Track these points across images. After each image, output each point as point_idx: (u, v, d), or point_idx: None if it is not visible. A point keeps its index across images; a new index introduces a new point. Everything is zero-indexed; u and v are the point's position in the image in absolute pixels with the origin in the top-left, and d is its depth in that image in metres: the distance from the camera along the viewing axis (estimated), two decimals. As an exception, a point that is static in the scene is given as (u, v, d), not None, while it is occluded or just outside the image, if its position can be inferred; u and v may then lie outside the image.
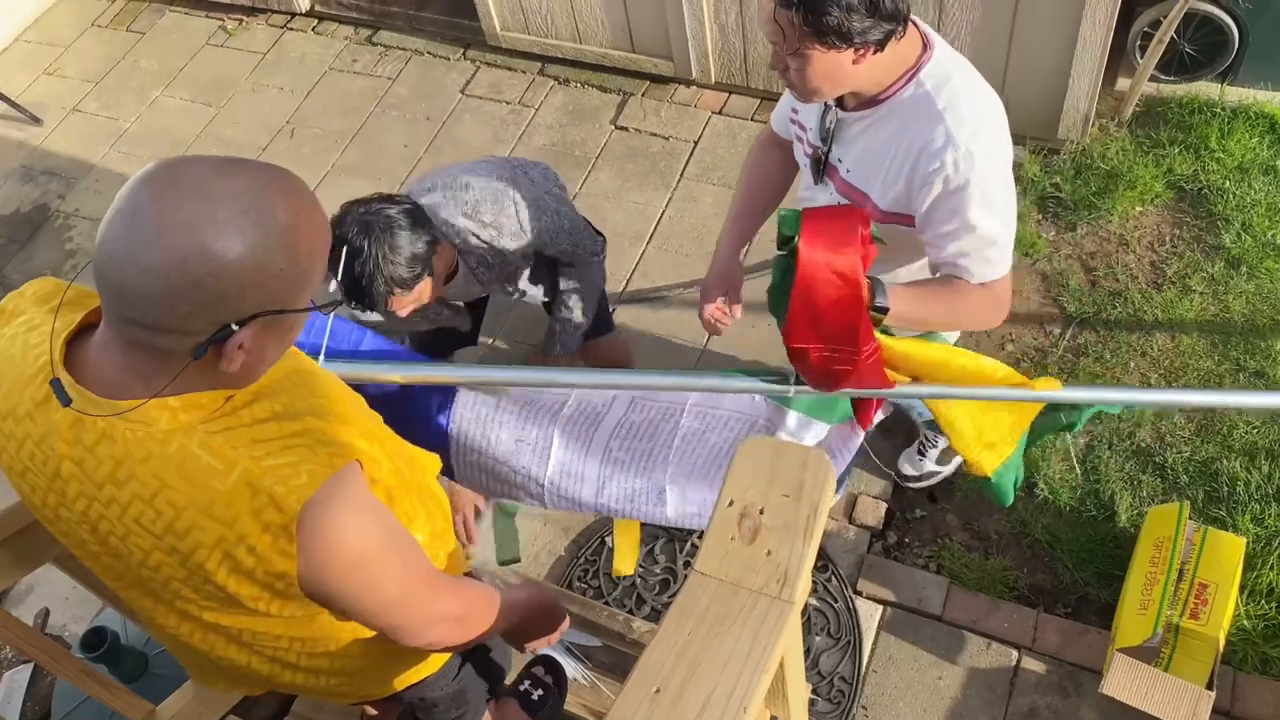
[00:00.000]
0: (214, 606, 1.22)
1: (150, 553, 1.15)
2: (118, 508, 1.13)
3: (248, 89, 4.43)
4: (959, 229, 1.64)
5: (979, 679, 2.47)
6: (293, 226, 1.04)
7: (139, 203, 1.00)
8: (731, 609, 1.18)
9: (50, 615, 2.87)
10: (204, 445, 1.10)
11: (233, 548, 1.11)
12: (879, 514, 2.78)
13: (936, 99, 1.62)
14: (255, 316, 1.04)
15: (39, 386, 1.13)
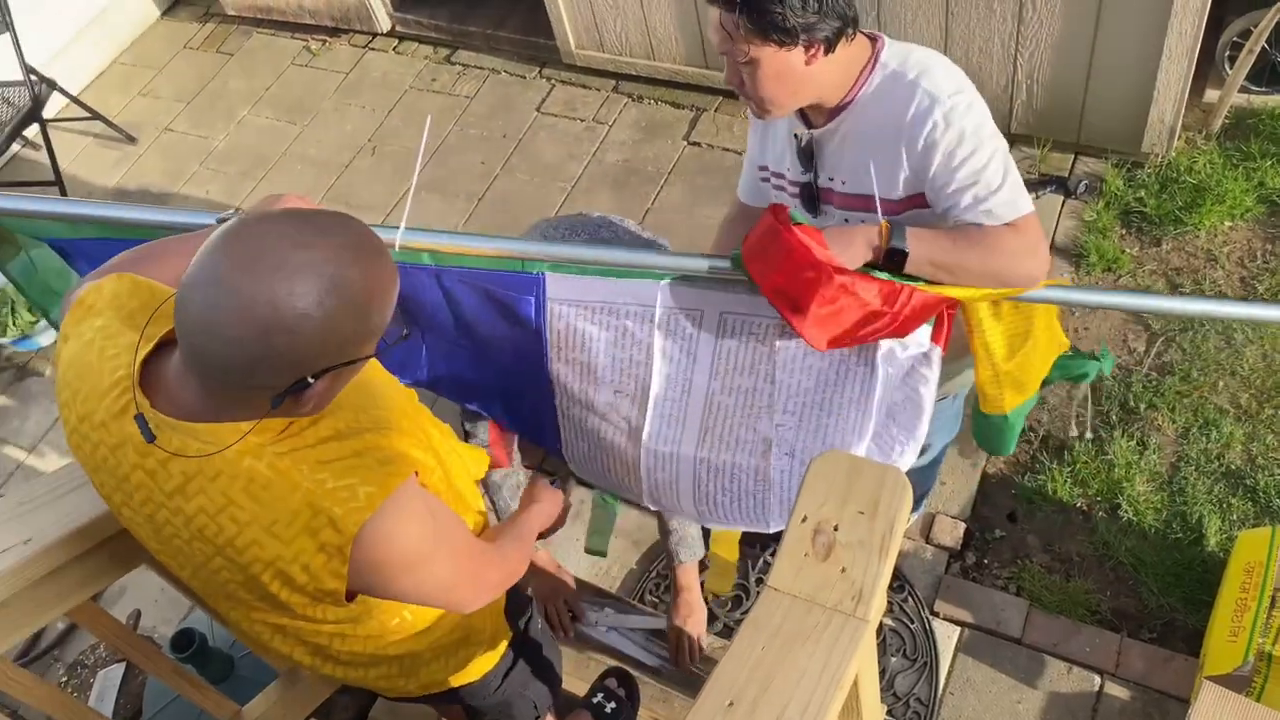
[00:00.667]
0: (263, 608, 1.30)
1: (211, 559, 1.23)
2: (183, 518, 1.20)
3: (330, 108, 4.56)
4: (970, 177, 1.59)
5: (1059, 704, 2.41)
6: (365, 289, 1.10)
7: (221, 274, 1.05)
8: (805, 626, 1.18)
9: (142, 616, 2.97)
10: (271, 466, 1.16)
11: (288, 565, 1.19)
12: (957, 534, 2.74)
13: (906, 72, 1.60)
14: (328, 369, 1.11)
15: (115, 399, 1.19)
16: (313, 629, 1.37)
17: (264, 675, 2.09)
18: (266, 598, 1.25)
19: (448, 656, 1.57)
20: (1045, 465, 2.82)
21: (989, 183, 1.59)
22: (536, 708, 1.81)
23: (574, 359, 1.84)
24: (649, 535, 2.87)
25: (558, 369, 1.87)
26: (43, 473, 3.47)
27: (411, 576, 1.26)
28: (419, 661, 1.54)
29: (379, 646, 1.46)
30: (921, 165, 1.62)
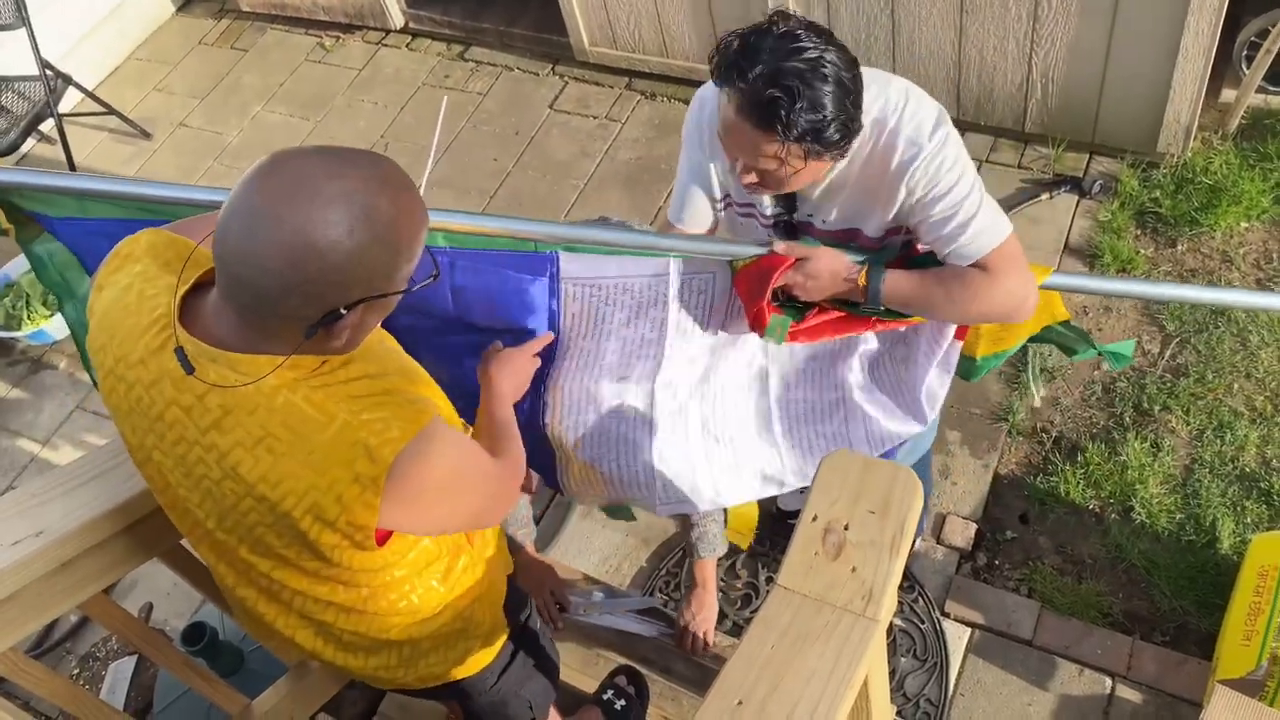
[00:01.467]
0: (289, 558, 1.30)
1: (241, 499, 1.23)
2: (217, 453, 1.22)
3: (344, 104, 4.57)
4: (947, 210, 1.62)
5: (1071, 706, 2.40)
6: (394, 221, 1.13)
7: (255, 203, 1.09)
8: (815, 625, 1.17)
9: (153, 609, 2.99)
10: (307, 399, 1.18)
11: (321, 496, 1.20)
12: (968, 535, 2.73)
13: (887, 119, 1.59)
14: (361, 301, 1.14)
15: (155, 335, 1.22)
16: (322, 604, 1.39)
17: (274, 669, 2.09)
18: (295, 539, 1.25)
19: (446, 648, 1.58)
20: (1058, 467, 2.80)
21: (965, 216, 1.62)
22: (533, 708, 1.79)
23: (583, 348, 1.83)
24: (659, 533, 2.87)
25: (563, 369, 1.85)
26: (56, 466, 3.48)
27: (444, 505, 1.31)
28: (418, 651, 1.54)
29: (382, 629, 1.47)
30: (904, 207, 1.65)
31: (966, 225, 1.62)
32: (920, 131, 1.59)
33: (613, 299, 1.78)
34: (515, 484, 1.51)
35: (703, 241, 1.79)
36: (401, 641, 1.51)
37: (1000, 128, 3.63)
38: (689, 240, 1.79)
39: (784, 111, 1.42)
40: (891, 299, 1.68)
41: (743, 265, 1.73)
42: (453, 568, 1.51)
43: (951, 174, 1.60)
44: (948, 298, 1.66)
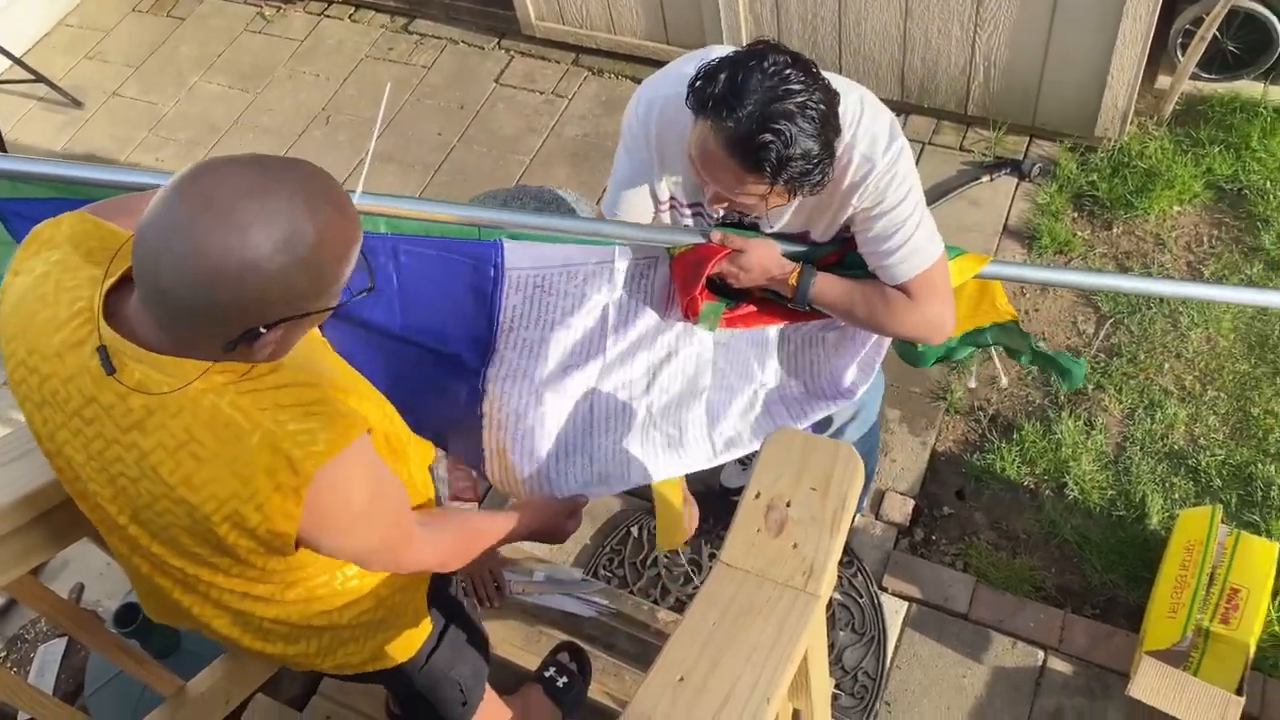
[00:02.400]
0: (202, 556, 1.27)
1: (159, 499, 1.20)
2: (138, 453, 1.18)
3: (284, 76, 4.47)
4: (887, 229, 1.65)
5: (1004, 678, 2.46)
6: (320, 243, 1.09)
7: (176, 217, 1.05)
8: (756, 601, 1.18)
9: (84, 590, 2.92)
10: (233, 405, 1.15)
11: (242, 504, 1.17)
12: (906, 510, 2.77)
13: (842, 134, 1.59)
14: (282, 321, 1.11)
15: (74, 330, 1.18)
16: (239, 595, 1.36)
17: (210, 650, 2.06)
18: (209, 542, 1.23)
19: (366, 637, 1.55)
20: (994, 444, 2.86)
21: (902, 238, 1.65)
22: (463, 690, 1.79)
23: (525, 339, 1.81)
24: (603, 512, 2.87)
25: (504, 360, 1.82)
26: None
27: (351, 532, 1.27)
28: (337, 639, 1.52)
29: (300, 617, 1.44)
30: (853, 217, 1.67)
31: (900, 247, 1.65)
32: (874, 148, 1.60)
33: (556, 288, 1.77)
34: (425, 559, 1.46)
35: (646, 229, 1.79)
36: (321, 628, 1.48)
37: (943, 110, 3.67)
38: (632, 227, 1.78)
39: (774, 154, 1.43)
40: (818, 302, 1.73)
41: (679, 252, 1.74)
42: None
43: (898, 192, 1.62)
44: (870, 313, 1.72)
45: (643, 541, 2.80)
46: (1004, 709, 2.40)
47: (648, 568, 2.75)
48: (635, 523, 2.83)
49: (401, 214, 1.70)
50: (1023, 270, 1.89)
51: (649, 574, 2.74)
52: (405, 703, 1.82)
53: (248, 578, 1.32)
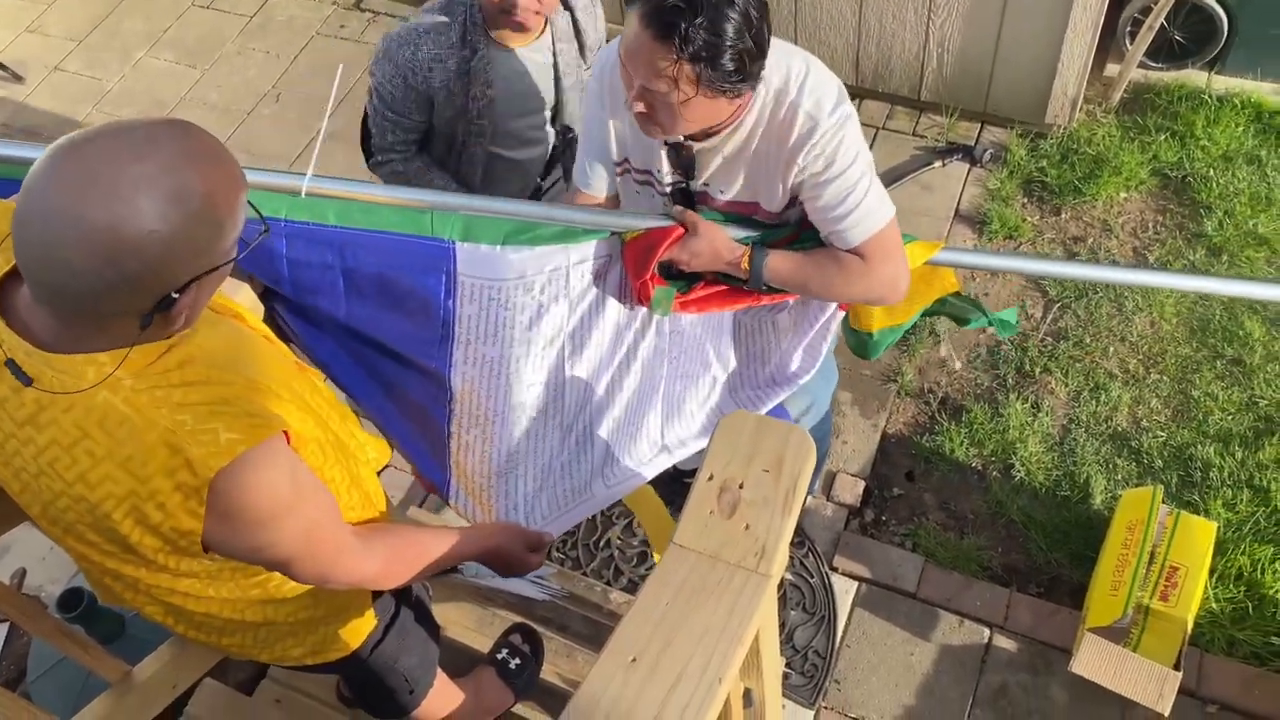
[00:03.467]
0: (114, 552, 1.24)
1: (59, 495, 1.17)
2: (34, 449, 1.15)
3: (233, 52, 4.38)
4: (837, 194, 1.65)
5: (950, 656, 2.50)
6: (210, 194, 1.06)
7: (53, 203, 1.00)
8: (709, 581, 1.19)
9: (27, 575, 2.87)
10: (128, 401, 1.11)
11: (142, 503, 1.14)
12: (857, 492, 2.80)
13: (788, 90, 1.60)
14: (192, 281, 1.08)
15: None
16: (165, 588, 1.31)
17: (156, 635, 2.03)
18: (117, 540, 1.19)
19: (306, 632, 1.52)
20: (943, 426, 2.90)
21: (853, 202, 1.65)
22: (409, 681, 1.77)
23: (485, 355, 1.78)
24: (557, 493, 2.87)
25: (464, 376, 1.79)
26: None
27: (260, 536, 1.21)
28: (274, 634, 1.49)
29: (235, 611, 1.40)
30: (799, 180, 1.66)
31: (852, 211, 1.65)
32: (820, 107, 1.60)
33: (512, 302, 1.74)
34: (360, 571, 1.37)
35: (602, 214, 1.78)
36: (257, 623, 1.44)
37: (897, 95, 3.69)
38: (588, 212, 1.78)
39: (683, 24, 1.41)
40: (774, 280, 1.73)
41: (630, 238, 1.74)
42: None
43: (846, 155, 1.62)
44: (824, 282, 1.72)
45: (595, 523, 2.80)
46: (951, 686, 2.45)
47: (600, 549, 2.76)
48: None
49: (353, 196, 1.67)
50: (974, 257, 1.93)
51: (602, 555, 2.75)
52: (355, 686, 1.80)
53: (168, 573, 1.27)
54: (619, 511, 2.80)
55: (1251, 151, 3.36)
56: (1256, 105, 3.45)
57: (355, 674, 1.69)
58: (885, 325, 1.98)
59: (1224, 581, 2.52)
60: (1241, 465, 2.72)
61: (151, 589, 1.32)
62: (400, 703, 1.79)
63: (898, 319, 1.97)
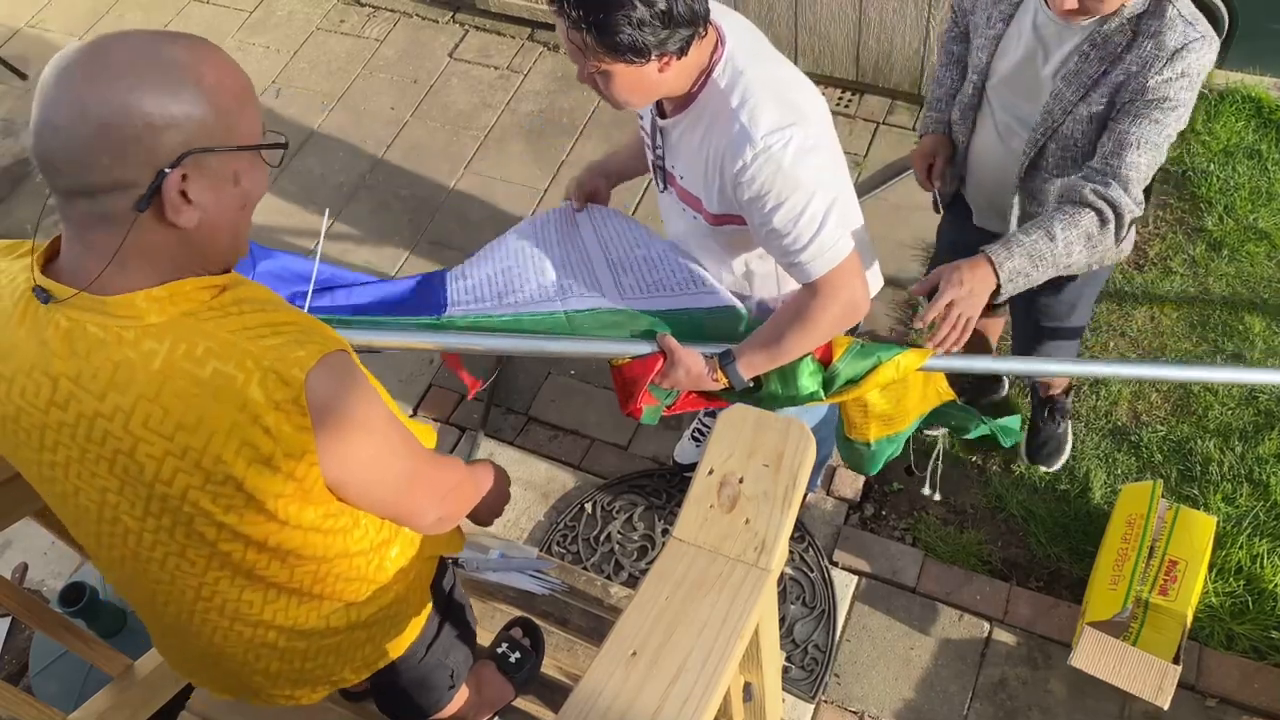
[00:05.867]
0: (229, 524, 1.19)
1: (163, 460, 1.13)
2: (123, 415, 1.12)
3: (233, 47, 4.37)
4: (783, 227, 1.60)
5: (950, 649, 2.51)
6: (192, 64, 1.05)
7: (45, 80, 1.03)
8: (709, 575, 1.20)
9: (29, 570, 2.87)
10: (200, 331, 1.10)
11: (248, 430, 1.10)
12: (857, 486, 2.81)
13: (731, 96, 1.57)
14: (183, 156, 1.05)
15: (20, 317, 1.12)
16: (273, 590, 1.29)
17: (160, 629, 2.04)
18: (235, 493, 1.14)
19: (387, 625, 1.51)
20: (944, 421, 2.90)
21: (799, 235, 1.60)
22: (453, 676, 1.77)
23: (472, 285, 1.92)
24: (558, 488, 2.88)
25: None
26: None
27: (372, 444, 1.20)
28: (353, 642, 1.47)
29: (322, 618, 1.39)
30: (734, 196, 1.63)
31: (804, 247, 1.61)
32: (756, 123, 1.54)
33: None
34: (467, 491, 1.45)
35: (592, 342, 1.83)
36: (339, 629, 1.43)
37: (898, 90, 3.69)
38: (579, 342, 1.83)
39: None
40: (750, 374, 1.78)
41: (617, 364, 1.85)
42: (390, 545, 1.44)
43: (784, 184, 1.56)
44: (795, 342, 1.73)
45: (596, 518, 2.81)
46: (950, 679, 2.46)
47: (601, 544, 2.77)
48: (589, 499, 2.84)
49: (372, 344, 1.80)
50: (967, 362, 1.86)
51: (602, 550, 2.75)
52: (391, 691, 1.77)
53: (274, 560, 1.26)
54: (619, 506, 2.81)
55: (1251, 146, 3.36)
56: (1257, 100, 3.45)
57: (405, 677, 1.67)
58: (883, 435, 1.92)
59: (1223, 576, 2.53)
60: (1241, 460, 2.72)
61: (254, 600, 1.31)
62: (435, 699, 1.77)
63: (895, 428, 1.92)
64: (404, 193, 3.76)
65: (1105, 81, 1.77)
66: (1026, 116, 1.91)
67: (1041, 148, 1.90)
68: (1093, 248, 1.75)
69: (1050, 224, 1.73)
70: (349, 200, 3.75)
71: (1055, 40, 1.82)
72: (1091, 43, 1.77)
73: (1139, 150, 1.73)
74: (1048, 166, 1.91)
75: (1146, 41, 1.72)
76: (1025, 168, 1.94)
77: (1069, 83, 1.81)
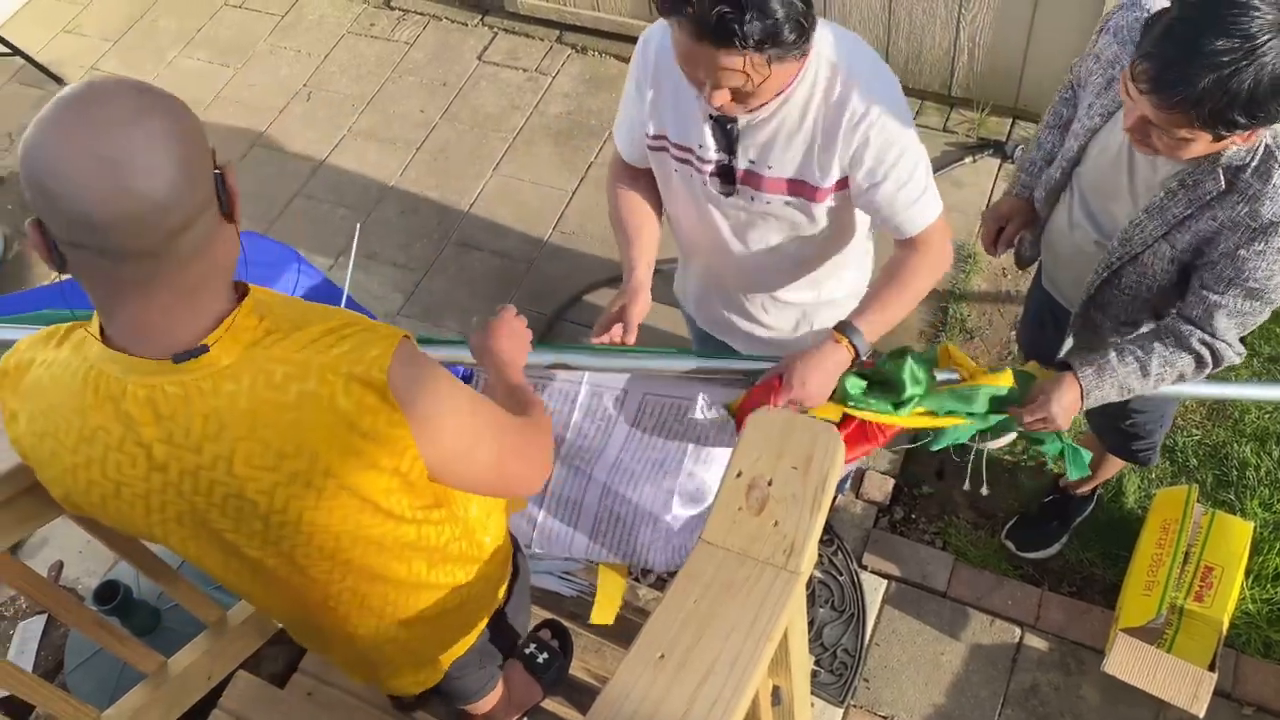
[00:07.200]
0: (349, 532, 1.22)
1: (273, 492, 1.15)
2: (224, 462, 1.14)
3: (265, 51, 4.42)
4: (899, 181, 1.65)
5: (981, 654, 2.48)
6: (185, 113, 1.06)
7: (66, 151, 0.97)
8: (737, 578, 1.19)
9: (64, 568, 2.91)
10: (270, 358, 1.11)
11: (346, 438, 1.13)
12: (886, 489, 2.79)
13: (838, 62, 1.61)
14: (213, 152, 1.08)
15: (94, 399, 1.12)
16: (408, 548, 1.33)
17: (191, 628, 2.06)
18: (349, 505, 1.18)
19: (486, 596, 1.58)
20: (975, 424, 2.87)
21: (915, 183, 1.66)
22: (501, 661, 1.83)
23: None
24: (585, 490, 2.88)
25: None
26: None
27: (455, 417, 1.22)
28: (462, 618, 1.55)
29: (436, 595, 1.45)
30: (854, 156, 1.65)
31: (919, 198, 1.67)
32: (858, 75, 1.60)
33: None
34: (545, 443, 1.43)
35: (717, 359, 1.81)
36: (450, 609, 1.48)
37: (927, 91, 3.67)
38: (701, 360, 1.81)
39: (736, 25, 1.40)
40: (872, 335, 1.71)
41: (738, 405, 1.78)
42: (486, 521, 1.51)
43: (900, 137, 1.62)
44: (902, 298, 1.74)
45: (625, 520, 2.80)
46: (981, 685, 2.43)
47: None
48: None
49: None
50: None
51: (631, 552, 2.75)
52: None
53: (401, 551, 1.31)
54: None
55: None
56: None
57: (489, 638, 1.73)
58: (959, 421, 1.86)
59: (1260, 582, 2.49)
60: (1278, 464, 2.68)
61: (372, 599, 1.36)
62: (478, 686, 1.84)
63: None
64: (433, 194, 3.78)
65: (1191, 228, 1.63)
66: (1100, 215, 1.81)
67: (1117, 270, 1.79)
68: (1181, 382, 1.76)
69: (1148, 359, 1.71)
70: (378, 202, 3.78)
71: (1147, 163, 1.67)
72: (1181, 182, 1.60)
73: (1239, 320, 1.67)
74: (1120, 285, 1.82)
75: (1241, 203, 1.55)
76: (1097, 285, 1.85)
77: (1152, 216, 1.66)
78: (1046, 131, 2.01)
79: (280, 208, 3.81)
